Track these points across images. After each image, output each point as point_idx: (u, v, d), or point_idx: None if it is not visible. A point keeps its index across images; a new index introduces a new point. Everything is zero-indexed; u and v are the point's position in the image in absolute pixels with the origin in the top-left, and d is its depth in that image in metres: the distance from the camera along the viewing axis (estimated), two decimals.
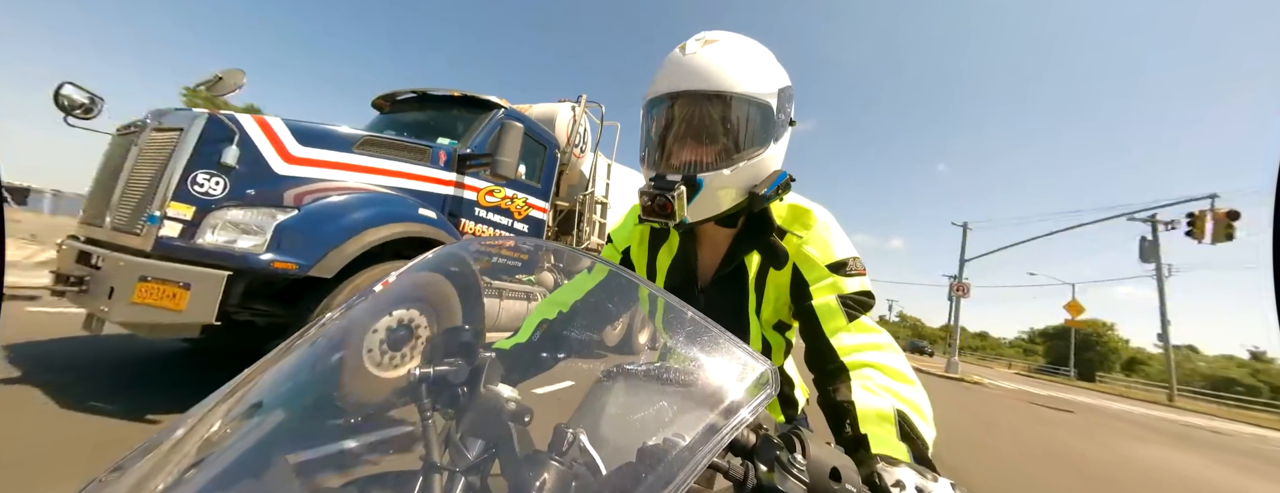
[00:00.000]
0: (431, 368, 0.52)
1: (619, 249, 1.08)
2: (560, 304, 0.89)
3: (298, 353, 0.53)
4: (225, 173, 2.79)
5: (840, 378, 0.74)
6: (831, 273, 0.82)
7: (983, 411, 9.15)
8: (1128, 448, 6.85)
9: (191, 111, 2.87)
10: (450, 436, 0.51)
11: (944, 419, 0.74)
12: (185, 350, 3.99)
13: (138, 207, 2.79)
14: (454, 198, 3.99)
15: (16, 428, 2.25)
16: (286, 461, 0.45)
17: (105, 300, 2.53)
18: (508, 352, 0.80)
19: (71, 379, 2.96)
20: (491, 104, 4.49)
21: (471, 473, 0.48)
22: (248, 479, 0.42)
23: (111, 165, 3.15)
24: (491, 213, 4.36)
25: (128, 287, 2.49)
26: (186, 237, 2.67)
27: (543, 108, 5.76)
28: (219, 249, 2.67)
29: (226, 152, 2.77)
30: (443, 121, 4.53)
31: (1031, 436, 6.87)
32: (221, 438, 0.44)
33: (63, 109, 3.11)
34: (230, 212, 2.75)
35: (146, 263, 2.53)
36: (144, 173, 2.85)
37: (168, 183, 2.66)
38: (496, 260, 2.30)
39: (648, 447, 0.44)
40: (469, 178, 4.10)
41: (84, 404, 2.59)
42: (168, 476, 0.39)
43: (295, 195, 2.95)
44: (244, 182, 2.86)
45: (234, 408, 0.46)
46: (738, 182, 0.82)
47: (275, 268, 2.70)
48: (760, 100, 0.80)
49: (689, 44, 0.81)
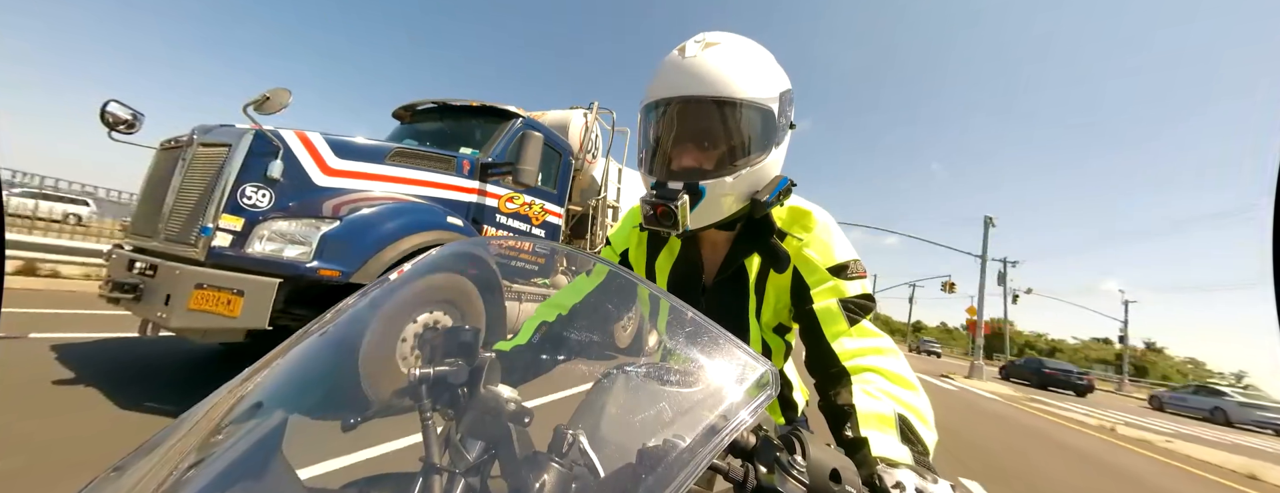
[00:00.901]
0: (431, 369, 0.52)
1: (617, 252, 1.06)
2: (560, 306, 0.88)
3: (304, 353, 0.52)
4: (270, 185, 2.91)
5: (841, 382, 0.73)
6: (832, 276, 0.81)
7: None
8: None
9: (238, 128, 2.99)
10: (450, 436, 0.50)
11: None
12: (221, 353, 4.12)
13: (189, 218, 2.92)
14: (477, 205, 4.13)
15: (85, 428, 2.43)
16: (286, 460, 0.45)
17: (162, 307, 2.68)
18: (508, 353, 0.79)
19: (123, 379, 3.14)
20: (510, 114, 4.60)
21: (471, 474, 0.48)
22: (247, 479, 0.42)
23: (157, 178, 3.28)
24: (511, 218, 4.50)
25: (184, 294, 2.63)
26: (237, 246, 2.82)
27: (556, 115, 5.91)
28: (268, 258, 2.83)
29: (272, 166, 2.91)
30: (462, 131, 4.66)
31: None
32: (222, 438, 0.43)
33: (107, 125, 3.26)
34: (277, 222, 2.90)
35: (202, 271, 2.67)
36: (194, 186, 2.98)
37: (220, 196, 2.79)
38: (516, 263, 2.50)
39: (647, 448, 0.44)
40: (490, 185, 4.25)
41: (140, 404, 2.77)
42: (168, 475, 0.38)
43: (334, 206, 3.10)
44: (287, 194, 2.99)
45: (235, 408, 0.46)
46: (740, 189, 0.80)
47: (321, 275, 2.85)
48: (762, 105, 0.77)
49: (688, 46, 0.78)
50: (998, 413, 9.44)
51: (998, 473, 4.47)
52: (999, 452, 5.63)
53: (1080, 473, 5.13)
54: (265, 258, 2.79)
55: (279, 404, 0.48)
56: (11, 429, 2.22)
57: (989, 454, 5.38)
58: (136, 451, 0.41)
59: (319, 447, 0.54)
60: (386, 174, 3.49)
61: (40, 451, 2.07)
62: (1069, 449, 6.51)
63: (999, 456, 5.40)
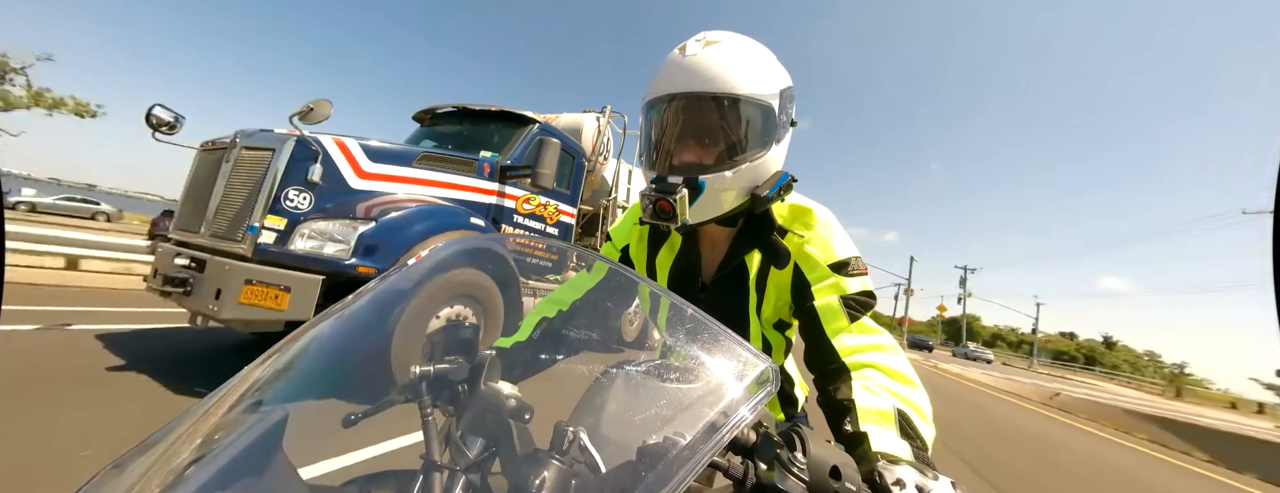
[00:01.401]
0: (432, 366, 0.52)
1: (618, 247, 1.06)
2: (560, 303, 0.88)
3: (306, 350, 0.52)
4: (310, 188, 3.09)
5: (841, 378, 0.72)
6: (833, 273, 0.80)
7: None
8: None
9: (281, 134, 3.17)
10: (451, 434, 0.50)
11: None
12: (253, 341, 4.29)
13: (236, 217, 3.09)
14: (496, 206, 4.31)
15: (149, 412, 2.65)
16: (286, 457, 0.44)
17: (212, 300, 2.88)
18: (508, 350, 0.79)
19: (168, 366, 3.36)
20: (527, 119, 4.77)
21: (472, 471, 0.47)
22: (248, 476, 0.41)
23: (200, 178, 3.46)
24: (527, 219, 4.68)
25: (235, 289, 2.84)
26: (280, 244, 3.01)
27: (570, 118, 6.08)
28: (309, 255, 3.03)
29: (312, 169, 3.09)
30: (480, 134, 4.79)
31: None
32: (222, 434, 0.43)
33: (152, 126, 3.47)
34: (316, 222, 3.10)
35: (252, 268, 2.84)
36: (239, 187, 3.16)
37: (265, 197, 2.98)
38: (531, 260, 2.71)
39: (648, 445, 0.44)
40: (509, 187, 4.47)
41: (191, 389, 2.99)
42: (169, 472, 0.38)
43: (366, 207, 3.29)
44: (325, 196, 3.17)
45: (237, 404, 0.46)
46: (739, 184, 0.80)
47: (360, 272, 3.07)
48: (762, 102, 0.78)
49: (689, 45, 0.79)
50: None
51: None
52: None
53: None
54: (307, 255, 3.00)
55: (280, 401, 0.48)
56: (83, 415, 2.38)
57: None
58: (137, 447, 0.41)
59: (320, 444, 0.53)
60: (414, 177, 3.68)
61: (120, 439, 2.21)
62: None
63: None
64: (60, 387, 2.73)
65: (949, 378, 16.53)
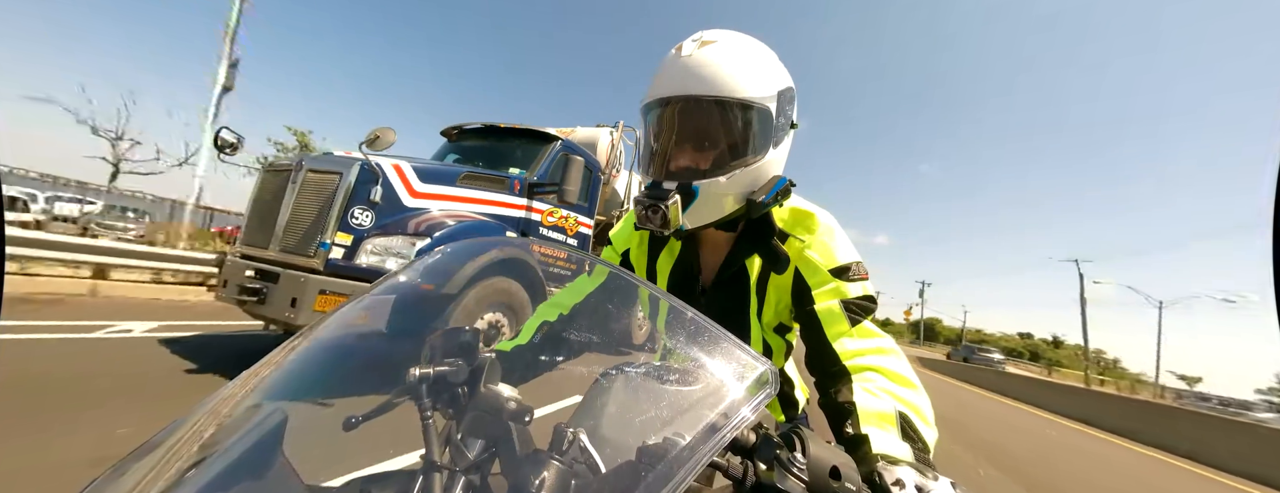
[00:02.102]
0: (432, 368, 0.52)
1: (618, 251, 1.04)
2: (561, 306, 0.87)
3: (307, 353, 0.52)
4: (372, 207, 3.40)
5: (842, 380, 0.72)
6: (834, 278, 0.79)
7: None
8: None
9: (346, 158, 3.47)
10: (451, 435, 0.50)
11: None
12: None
13: (306, 234, 3.39)
14: (525, 219, 4.64)
15: None
16: (286, 459, 0.45)
17: (288, 309, 3.22)
18: (508, 353, 0.78)
19: (237, 366, 3.66)
20: (550, 137, 5.04)
21: (472, 472, 0.48)
22: (248, 478, 0.42)
23: (266, 197, 3.76)
24: (551, 231, 4.98)
25: (310, 298, 3.19)
26: (348, 259, 3.35)
27: (585, 132, 6.42)
28: (373, 268, 3.39)
29: (373, 190, 3.38)
30: (504, 151, 5.06)
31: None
32: (223, 437, 0.44)
33: (218, 148, 3.82)
34: (377, 239, 3.46)
35: (326, 280, 3.15)
36: (306, 206, 3.46)
37: (336, 217, 3.29)
38: (553, 269, 3.23)
39: (648, 446, 0.44)
40: (535, 202, 4.86)
41: None
42: (170, 475, 0.39)
43: (417, 223, 3.61)
44: (383, 213, 3.46)
45: (237, 407, 0.46)
46: (735, 189, 0.78)
47: (424, 289, 3.45)
48: (759, 105, 0.76)
49: (686, 45, 0.77)
50: None
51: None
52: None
53: None
54: (371, 268, 3.36)
55: (280, 403, 0.48)
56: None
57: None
58: (138, 450, 0.41)
59: (320, 446, 0.54)
60: (457, 194, 4.02)
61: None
62: None
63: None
64: (155, 389, 3.02)
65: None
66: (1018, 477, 4.80)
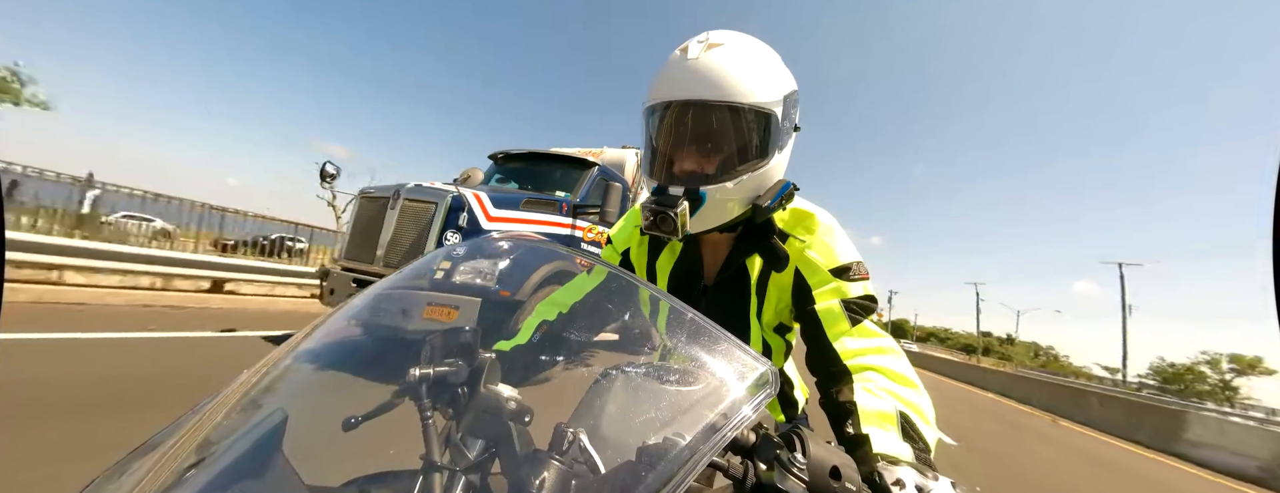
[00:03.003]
0: (432, 368, 0.52)
1: (618, 251, 1.04)
2: (560, 305, 0.88)
3: (309, 353, 0.53)
4: (459, 231, 4.17)
5: (843, 380, 0.71)
6: (835, 278, 0.79)
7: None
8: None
9: (439, 189, 4.18)
10: (451, 435, 0.50)
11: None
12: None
13: (408, 253, 4.11)
14: (570, 237, 5.43)
15: None
16: (286, 459, 0.45)
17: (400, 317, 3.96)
18: (507, 353, 0.76)
19: None
20: (588, 162, 5.83)
21: (472, 472, 0.48)
22: (248, 478, 0.42)
23: (365, 220, 4.51)
24: (590, 246, 5.88)
25: (419, 308, 3.93)
26: (446, 277, 4.15)
27: (613, 154, 7.12)
28: (466, 284, 4.16)
29: (460, 217, 4.12)
30: (546, 173, 5.82)
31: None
32: (222, 436, 0.44)
33: (322, 178, 4.52)
34: (467, 261, 4.25)
35: (430, 294, 3.94)
36: (406, 230, 4.23)
37: (434, 239, 4.07)
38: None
39: (648, 446, 0.44)
40: (578, 220, 5.64)
41: None
42: (170, 474, 0.39)
43: None
44: (467, 235, 4.24)
45: (236, 406, 0.47)
46: (741, 194, 0.78)
47: (502, 296, 4.21)
48: (765, 109, 0.75)
49: (691, 46, 0.76)
50: None
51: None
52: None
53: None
54: (464, 284, 4.11)
55: (280, 402, 0.48)
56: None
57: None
58: (137, 450, 0.41)
59: (320, 446, 0.54)
60: (521, 217, 4.75)
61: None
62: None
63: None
64: None
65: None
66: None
